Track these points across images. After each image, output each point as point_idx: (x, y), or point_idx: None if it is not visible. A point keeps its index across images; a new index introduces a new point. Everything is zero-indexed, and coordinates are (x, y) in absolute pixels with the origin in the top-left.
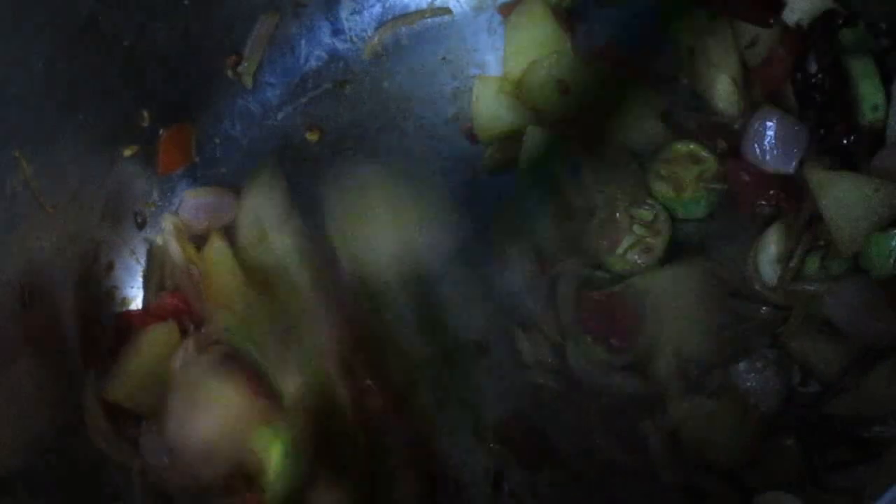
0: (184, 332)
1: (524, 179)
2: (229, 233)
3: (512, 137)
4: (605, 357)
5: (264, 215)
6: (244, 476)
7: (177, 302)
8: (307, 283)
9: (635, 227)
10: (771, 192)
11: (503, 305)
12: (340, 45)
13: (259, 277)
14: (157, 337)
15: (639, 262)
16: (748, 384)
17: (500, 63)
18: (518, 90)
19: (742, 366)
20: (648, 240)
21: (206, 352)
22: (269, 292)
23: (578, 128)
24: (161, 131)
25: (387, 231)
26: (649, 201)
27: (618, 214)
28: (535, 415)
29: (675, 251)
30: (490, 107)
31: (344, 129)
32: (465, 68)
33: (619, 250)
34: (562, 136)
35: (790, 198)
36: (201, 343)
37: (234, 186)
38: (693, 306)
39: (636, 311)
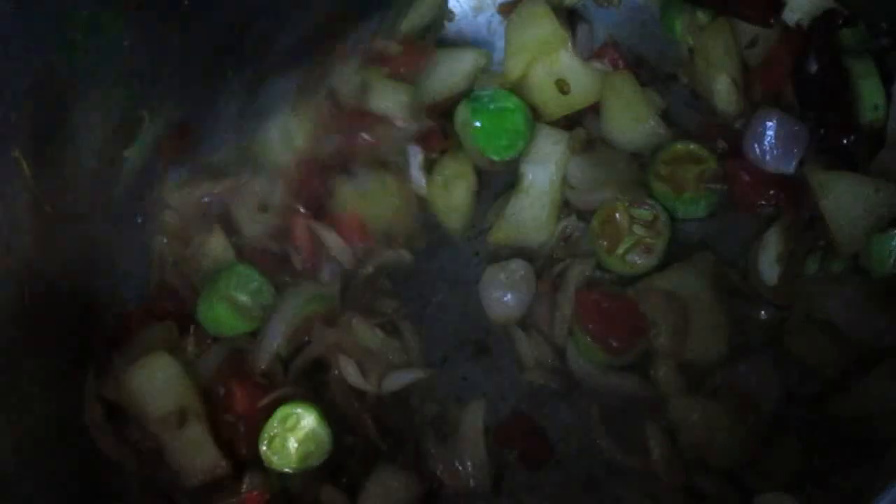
0: (183, 332)
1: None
2: (228, 224)
3: None
4: (605, 358)
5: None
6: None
7: (176, 301)
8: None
9: (635, 228)
10: (771, 192)
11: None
12: None
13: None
14: (156, 337)
15: (639, 262)
16: (748, 384)
17: (501, 63)
18: (518, 90)
19: (742, 366)
20: (648, 240)
21: (207, 351)
22: None
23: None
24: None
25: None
26: (649, 201)
27: (618, 215)
28: (535, 415)
29: (676, 252)
30: None
31: None
32: None
33: (620, 250)
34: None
35: (790, 198)
36: (201, 342)
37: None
38: (693, 307)
39: (636, 312)
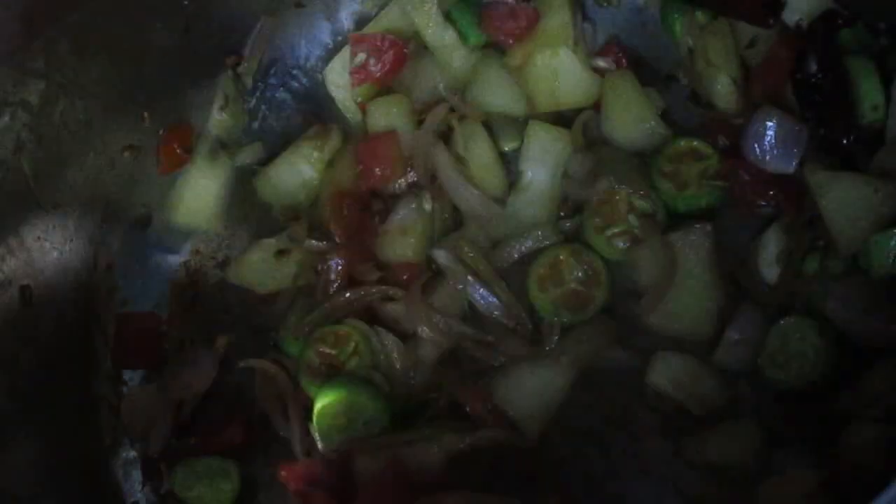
0: None
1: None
2: None
3: None
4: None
5: None
6: None
7: None
8: None
9: (630, 217)
10: (771, 192)
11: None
12: (340, 45)
13: None
14: None
15: (621, 249)
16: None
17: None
18: (517, 75)
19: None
20: (638, 233)
21: None
22: None
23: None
24: (161, 131)
25: None
26: (651, 195)
27: (618, 197)
28: None
29: None
30: None
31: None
32: None
33: (608, 232)
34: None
35: (790, 198)
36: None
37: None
38: (684, 271)
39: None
